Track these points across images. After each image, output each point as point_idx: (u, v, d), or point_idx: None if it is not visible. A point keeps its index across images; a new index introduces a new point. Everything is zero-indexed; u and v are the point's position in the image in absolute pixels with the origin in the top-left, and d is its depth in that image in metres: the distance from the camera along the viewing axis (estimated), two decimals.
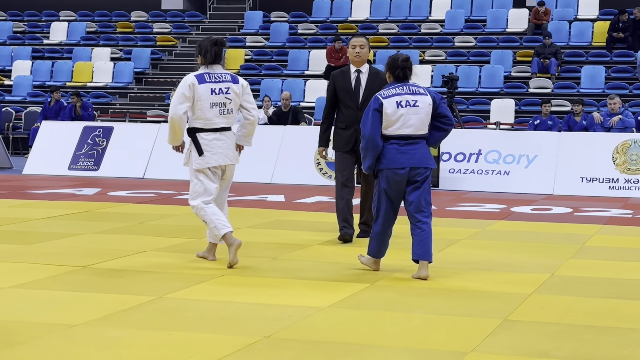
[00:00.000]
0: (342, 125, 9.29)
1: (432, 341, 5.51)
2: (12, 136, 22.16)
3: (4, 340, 5.28)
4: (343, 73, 9.34)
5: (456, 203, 13.20)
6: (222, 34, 25.91)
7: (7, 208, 11.53)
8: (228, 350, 5.17)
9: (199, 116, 7.75)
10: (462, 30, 24.25)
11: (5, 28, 26.84)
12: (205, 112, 7.73)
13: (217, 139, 7.81)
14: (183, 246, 8.77)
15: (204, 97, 7.70)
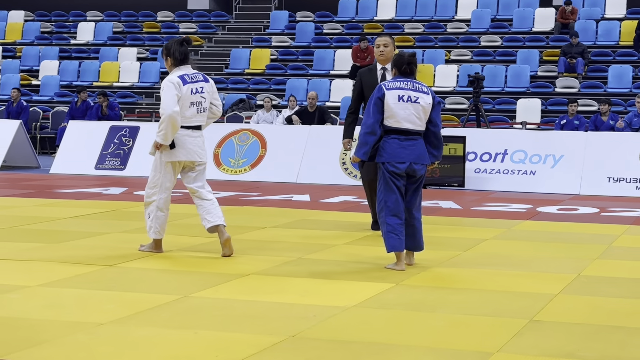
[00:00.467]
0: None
1: (458, 341, 5.50)
2: (40, 136, 22.29)
3: (31, 338, 5.31)
4: (370, 71, 9.64)
5: (482, 203, 13.17)
6: (247, 33, 25.97)
7: (34, 207, 11.61)
8: (253, 349, 5.17)
9: (181, 114, 8.12)
10: (488, 29, 24.18)
11: (33, 28, 27.00)
12: (185, 110, 8.13)
13: (189, 135, 8.20)
14: (209, 245, 8.79)
15: (185, 96, 8.11)
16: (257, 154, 16.44)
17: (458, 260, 8.28)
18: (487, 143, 15.67)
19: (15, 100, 21.41)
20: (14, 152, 17.91)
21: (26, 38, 26.84)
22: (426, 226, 10.52)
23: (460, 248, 8.93)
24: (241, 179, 16.05)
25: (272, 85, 23.41)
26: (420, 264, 7.98)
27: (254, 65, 24.19)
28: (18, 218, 10.49)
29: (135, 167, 16.60)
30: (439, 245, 9.08)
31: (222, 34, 26.41)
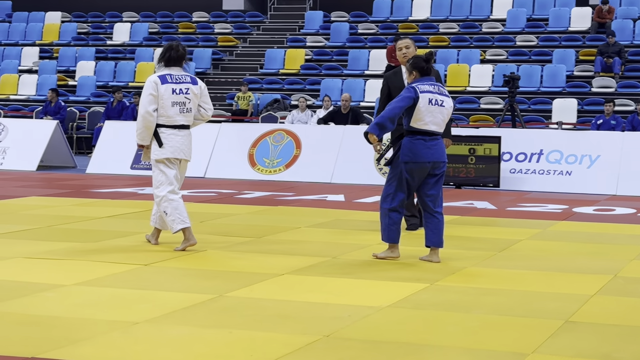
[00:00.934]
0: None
1: (492, 342, 5.47)
2: (76, 136, 22.45)
3: (67, 337, 5.35)
4: (395, 73, 9.86)
5: (517, 203, 13.10)
6: (282, 34, 26.01)
7: (71, 206, 11.69)
8: (287, 349, 5.18)
9: (162, 114, 8.40)
10: (524, 29, 24.05)
11: (69, 29, 27.20)
12: (167, 110, 8.39)
13: (175, 134, 8.45)
14: (243, 245, 8.81)
15: (165, 96, 8.38)
16: (291, 154, 16.46)
17: (493, 261, 8.25)
18: (522, 143, 15.59)
19: (52, 100, 21.58)
20: (51, 153, 18.05)
21: (63, 39, 27.05)
22: (461, 226, 10.51)
23: (495, 248, 8.89)
24: (276, 179, 16.08)
25: (307, 86, 23.43)
26: (455, 264, 7.96)
27: (289, 65, 24.22)
28: (54, 217, 10.58)
29: None
30: (474, 246, 9.05)
31: (257, 34, 26.46)
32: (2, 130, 18.21)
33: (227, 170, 16.36)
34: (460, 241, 9.37)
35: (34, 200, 12.43)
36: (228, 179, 16.00)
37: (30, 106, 23.95)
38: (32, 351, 5.02)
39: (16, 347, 5.12)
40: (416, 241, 9.29)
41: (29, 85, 24.80)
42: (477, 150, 15.17)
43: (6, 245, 8.49)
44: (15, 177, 15.95)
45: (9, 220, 10.24)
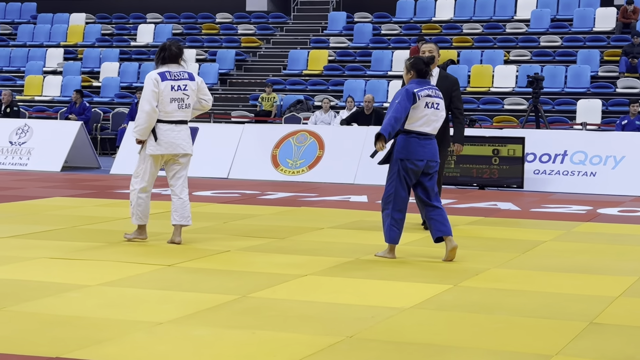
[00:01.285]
0: None
1: (516, 343, 5.45)
2: (100, 137, 22.56)
3: (91, 337, 5.38)
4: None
5: (541, 204, 13.06)
6: (305, 35, 26.02)
7: (95, 207, 11.74)
8: (311, 349, 5.18)
9: (160, 109, 8.66)
10: (548, 29, 23.96)
11: (94, 30, 27.33)
12: (166, 106, 8.65)
13: (172, 130, 8.73)
14: (267, 246, 8.82)
15: (164, 92, 8.63)
16: (314, 155, 16.46)
17: (517, 262, 8.22)
18: (546, 144, 15.53)
19: (77, 101, 21.69)
20: (75, 153, 18.14)
21: (87, 40, 27.17)
22: (484, 227, 10.49)
23: (519, 250, 8.86)
24: (299, 179, 16.09)
25: (330, 86, 23.44)
26: (478, 265, 7.94)
27: (312, 66, 24.24)
28: (78, 218, 10.62)
29: (194, 167, 16.66)
30: (497, 247, 9.02)
31: (280, 35, 26.49)
32: (27, 131, 18.32)
33: (251, 171, 16.38)
34: (484, 242, 9.35)
35: (58, 200, 12.49)
36: (251, 179, 16.02)
37: (54, 107, 24.08)
38: (57, 351, 5.04)
39: (41, 346, 5.14)
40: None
41: (53, 86, 24.94)
42: (501, 151, 15.13)
43: (31, 246, 8.53)
44: (39, 177, 16.04)
45: (34, 220, 10.29)
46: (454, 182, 15.30)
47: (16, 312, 5.94)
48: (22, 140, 18.18)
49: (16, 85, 25.57)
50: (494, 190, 14.97)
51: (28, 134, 18.26)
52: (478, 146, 15.25)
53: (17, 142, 18.18)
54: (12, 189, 13.86)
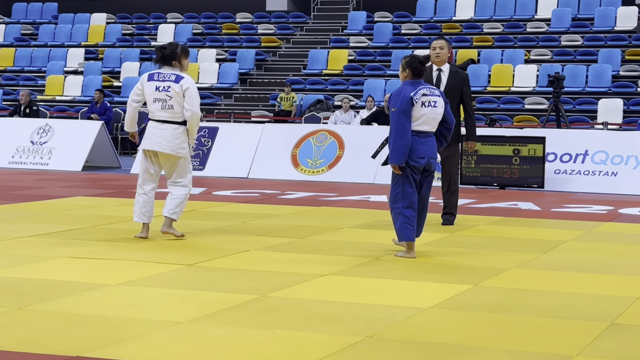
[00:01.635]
0: None
1: (536, 344, 5.44)
2: (121, 136, 22.63)
3: (112, 336, 5.40)
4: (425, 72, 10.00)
5: (562, 204, 13.01)
6: (325, 34, 26.02)
7: (115, 207, 11.78)
8: (330, 349, 5.18)
9: (148, 108, 9.12)
10: (569, 29, 23.87)
11: (114, 31, 27.43)
12: (150, 105, 9.07)
13: (155, 127, 9.04)
14: (286, 245, 8.83)
15: (148, 92, 9.04)
16: (334, 154, 16.47)
17: (537, 262, 8.20)
18: (567, 144, 15.48)
19: (98, 101, 21.76)
20: (96, 153, 18.21)
21: (108, 40, 27.27)
22: (504, 227, 10.47)
23: (539, 250, 8.84)
24: (319, 179, 16.09)
25: (350, 86, 23.43)
26: (499, 265, 7.92)
27: (332, 65, 24.23)
28: (99, 217, 10.66)
29: (214, 167, 16.76)
30: (518, 247, 9.00)
31: (300, 34, 26.50)
32: (48, 131, 18.40)
33: (270, 170, 16.40)
34: (504, 242, 9.32)
35: (79, 200, 12.54)
36: (271, 179, 16.04)
37: (75, 107, 24.18)
38: (78, 350, 5.07)
39: (62, 345, 5.17)
40: (463, 242, 9.26)
41: (74, 86, 25.04)
42: (522, 151, 15.09)
43: (52, 245, 8.57)
44: (60, 177, 16.10)
45: (55, 220, 10.34)
46: (475, 181, 15.26)
47: (38, 311, 5.97)
48: (43, 140, 18.26)
49: (37, 85, 25.70)
50: (514, 190, 14.93)
51: (49, 133, 18.34)
52: (498, 146, 15.21)
53: (38, 142, 18.27)
54: (33, 189, 13.92)
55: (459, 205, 10.91)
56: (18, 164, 17.98)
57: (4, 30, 28.37)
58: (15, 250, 8.24)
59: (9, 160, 18.10)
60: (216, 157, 16.91)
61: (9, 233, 9.24)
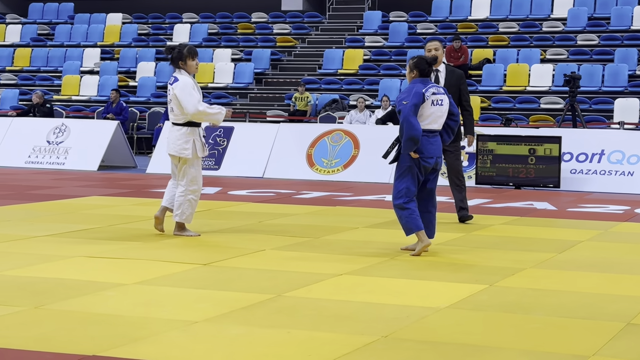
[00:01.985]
0: None
1: (552, 344, 5.42)
2: (137, 136, 22.68)
3: (127, 335, 5.41)
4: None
5: (578, 204, 12.97)
6: (341, 34, 26.01)
7: (131, 206, 11.81)
8: (345, 349, 5.18)
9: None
10: (585, 28, 23.79)
11: (130, 30, 27.49)
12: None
13: (168, 129, 9.51)
14: (302, 245, 8.83)
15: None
16: (349, 154, 16.46)
17: (553, 262, 8.17)
18: (583, 143, 15.43)
19: (114, 101, 21.82)
20: (112, 153, 18.26)
21: (124, 40, 27.34)
22: (520, 227, 10.45)
23: (555, 250, 8.81)
24: (334, 179, 16.09)
25: (365, 86, 23.42)
26: (514, 265, 7.90)
27: (347, 65, 24.22)
28: (115, 217, 10.69)
29: (229, 167, 16.78)
30: (534, 247, 8.98)
31: (315, 34, 26.50)
32: (64, 131, 18.46)
33: (286, 170, 16.41)
34: (520, 242, 9.30)
35: (95, 200, 12.58)
36: (286, 179, 16.04)
37: (91, 107, 24.25)
38: (94, 349, 5.08)
39: (78, 344, 5.18)
40: (480, 242, 9.24)
41: (90, 86, 25.11)
42: (537, 151, 15.05)
43: (68, 245, 8.60)
44: (76, 177, 16.15)
45: (71, 219, 10.37)
46: (490, 181, 15.23)
47: (54, 310, 5.99)
48: (59, 140, 18.32)
49: (53, 85, 25.78)
50: (530, 190, 14.90)
51: (65, 133, 18.40)
52: (514, 145, 15.18)
53: (54, 142, 18.33)
54: (50, 188, 13.97)
55: (475, 205, 10.91)
56: (34, 164, 18.05)
57: (21, 31, 28.48)
58: (32, 250, 8.27)
59: (25, 160, 18.17)
60: (231, 156, 16.93)
61: (25, 232, 9.27)
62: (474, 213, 10.82)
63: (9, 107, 24.28)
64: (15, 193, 13.12)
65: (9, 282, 6.84)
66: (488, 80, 22.38)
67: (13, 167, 17.82)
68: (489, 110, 21.56)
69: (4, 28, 28.62)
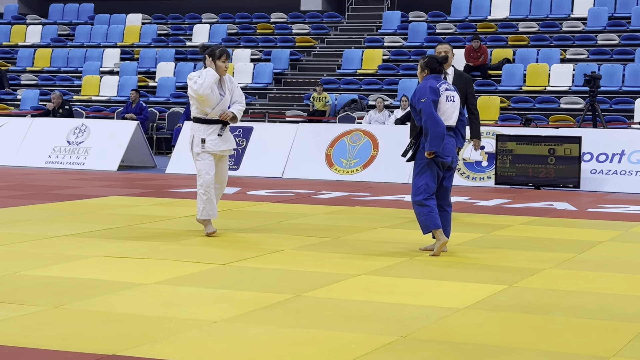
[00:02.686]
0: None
1: (573, 345, 5.40)
2: (156, 136, 22.74)
3: (147, 335, 5.42)
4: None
5: (598, 204, 12.92)
6: (360, 34, 26.00)
7: (151, 206, 11.84)
8: (364, 349, 5.18)
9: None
10: (606, 27, 23.69)
11: (150, 31, 27.56)
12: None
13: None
14: (320, 245, 8.83)
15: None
16: (369, 154, 16.45)
17: (573, 263, 8.15)
18: (603, 143, 15.37)
19: (134, 101, 21.88)
20: (131, 153, 18.31)
21: (143, 40, 27.41)
22: (540, 227, 10.41)
23: (575, 250, 8.78)
24: (353, 179, 16.09)
25: (384, 86, 23.39)
26: (534, 266, 7.88)
27: (366, 65, 24.21)
28: (135, 217, 10.72)
29: (248, 167, 16.80)
30: (553, 247, 8.95)
31: (334, 34, 26.49)
32: (84, 131, 18.53)
33: (305, 170, 16.41)
34: (540, 242, 9.27)
35: (115, 199, 12.62)
36: (305, 179, 16.05)
37: (111, 107, 24.33)
38: (114, 348, 5.10)
39: (98, 344, 5.20)
40: (498, 243, 9.22)
41: (110, 86, 25.19)
42: (557, 151, 15.00)
43: (88, 244, 8.63)
44: (96, 177, 16.21)
45: (91, 219, 10.41)
46: (510, 181, 15.19)
47: (74, 310, 6.02)
48: (79, 140, 18.39)
49: (73, 85, 25.88)
50: (550, 190, 14.85)
51: (85, 133, 18.47)
52: (534, 146, 15.14)
53: (74, 142, 18.40)
54: (70, 188, 14.03)
55: (494, 205, 10.87)
56: (55, 164, 18.12)
57: (41, 31, 28.60)
58: (52, 250, 8.31)
59: (45, 160, 18.25)
60: (251, 156, 16.94)
61: (45, 232, 9.31)
62: (494, 213, 10.80)
63: (30, 107, 24.39)
64: (35, 193, 13.18)
65: (30, 282, 6.87)
66: (508, 80, 22.32)
67: (33, 167, 17.90)
68: (508, 110, 21.50)
69: (25, 29, 28.75)
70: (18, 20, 29.65)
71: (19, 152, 18.54)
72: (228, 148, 9.46)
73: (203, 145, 9.32)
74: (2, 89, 25.70)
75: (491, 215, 11.43)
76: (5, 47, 28.40)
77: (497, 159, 15.26)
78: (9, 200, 12.15)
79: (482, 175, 15.63)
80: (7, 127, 19.13)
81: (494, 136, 15.65)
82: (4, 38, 28.69)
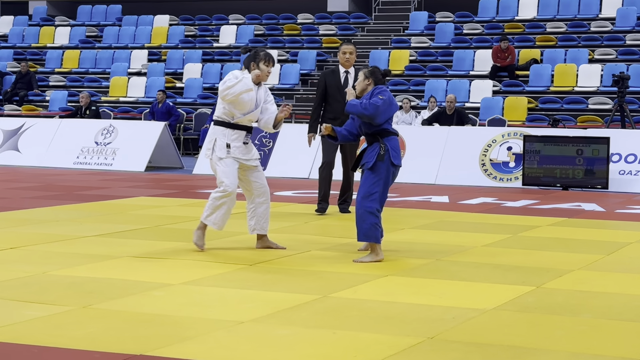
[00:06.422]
0: (331, 116, 11.16)
1: (600, 346, 5.37)
2: (183, 137, 22.81)
3: (174, 335, 5.44)
4: (333, 72, 11.36)
5: (626, 205, 12.84)
6: (387, 35, 25.97)
7: (178, 207, 11.88)
8: (391, 350, 5.17)
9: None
10: (634, 27, 23.53)
11: (177, 32, 27.65)
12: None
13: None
14: (347, 246, 8.83)
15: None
16: None
17: (600, 264, 8.10)
18: (632, 144, 15.27)
19: (160, 101, 21.96)
20: (158, 153, 18.38)
21: (171, 42, 27.50)
22: (568, 228, 10.36)
23: (603, 251, 8.73)
24: None
25: (411, 86, 23.35)
26: (562, 267, 7.84)
27: (393, 66, 24.16)
28: (162, 217, 10.76)
29: (275, 168, 16.81)
30: (581, 248, 8.90)
31: (361, 35, 26.48)
32: (112, 132, 18.62)
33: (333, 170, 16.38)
34: (567, 243, 9.23)
35: (142, 200, 12.67)
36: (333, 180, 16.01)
37: (139, 108, 24.42)
38: (141, 348, 5.12)
39: (125, 344, 5.22)
40: (521, 242, 9.19)
41: (138, 87, 25.29)
42: (585, 152, 14.92)
43: (115, 245, 8.67)
44: (124, 177, 16.28)
45: (118, 220, 10.45)
46: (537, 182, 15.12)
47: (102, 310, 6.05)
48: (107, 141, 18.48)
49: (101, 86, 26.00)
50: (577, 191, 14.77)
51: (113, 134, 18.56)
52: (562, 146, 15.06)
53: (102, 143, 18.49)
54: (98, 189, 14.10)
55: (522, 206, 10.83)
56: (83, 165, 18.22)
57: (69, 33, 28.76)
58: (80, 250, 8.35)
59: (73, 161, 18.35)
60: (277, 157, 16.96)
61: (74, 232, 9.36)
62: (521, 214, 10.75)
63: (58, 108, 24.54)
64: (64, 193, 13.26)
65: (58, 282, 6.91)
66: (535, 80, 22.22)
67: (62, 167, 18.01)
68: (536, 110, 21.41)
69: (53, 30, 28.92)
70: (46, 22, 29.83)
71: (47, 153, 18.65)
72: (252, 158, 8.68)
73: (228, 151, 8.49)
74: (31, 90, 25.86)
75: (519, 216, 11.38)
76: (34, 48, 28.58)
77: (524, 159, 15.20)
78: (38, 200, 12.23)
79: (510, 176, 15.57)
80: (36, 128, 19.26)
81: (521, 137, 15.58)
82: (33, 39, 28.88)
